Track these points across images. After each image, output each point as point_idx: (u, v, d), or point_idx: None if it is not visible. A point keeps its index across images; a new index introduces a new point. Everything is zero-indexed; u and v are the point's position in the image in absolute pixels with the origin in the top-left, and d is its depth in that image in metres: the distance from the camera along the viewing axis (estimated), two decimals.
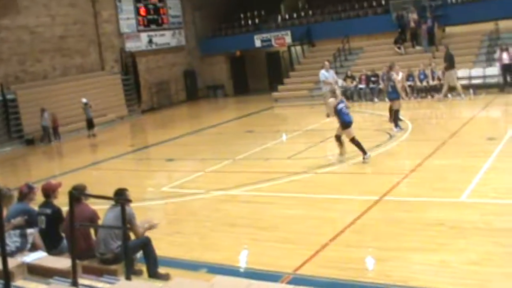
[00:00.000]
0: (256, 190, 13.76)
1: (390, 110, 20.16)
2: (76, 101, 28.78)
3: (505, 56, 24.99)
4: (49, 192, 9.09)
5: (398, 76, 19.82)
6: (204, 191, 14.34)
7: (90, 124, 28.01)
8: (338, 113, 15.54)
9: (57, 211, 8.95)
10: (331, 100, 15.84)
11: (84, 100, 27.96)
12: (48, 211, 8.91)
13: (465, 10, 30.56)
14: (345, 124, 15.40)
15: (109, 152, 22.40)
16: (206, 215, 12.38)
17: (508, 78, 25.14)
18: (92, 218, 8.59)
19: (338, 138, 15.83)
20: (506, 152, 14.57)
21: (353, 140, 15.37)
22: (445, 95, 25.57)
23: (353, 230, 10.16)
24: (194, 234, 11.14)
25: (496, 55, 25.69)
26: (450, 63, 25.20)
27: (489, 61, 27.07)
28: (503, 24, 28.64)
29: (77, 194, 8.01)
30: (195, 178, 16.11)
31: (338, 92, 16.31)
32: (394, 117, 19.29)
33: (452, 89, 25.37)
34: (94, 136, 27.69)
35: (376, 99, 27.23)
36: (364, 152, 15.26)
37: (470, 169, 13.17)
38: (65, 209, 8.30)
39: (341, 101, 15.70)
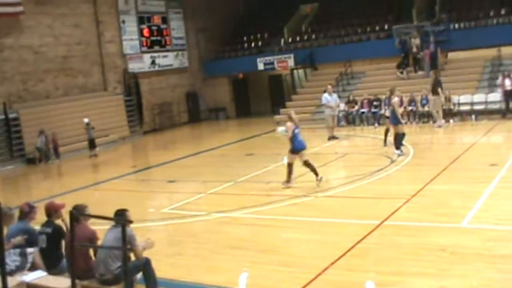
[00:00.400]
0: (257, 212, 13.72)
1: (386, 133, 20.43)
2: (78, 121, 28.88)
3: (507, 82, 25.07)
4: (51, 211, 9.10)
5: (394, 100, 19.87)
6: (205, 213, 14.33)
7: (92, 144, 28.05)
8: (293, 138, 16.14)
9: (57, 229, 8.95)
10: (289, 124, 16.48)
11: (86, 120, 28.04)
12: (49, 230, 8.91)
13: (467, 36, 30.73)
14: (295, 149, 16.18)
15: (110, 173, 22.40)
16: (206, 237, 12.34)
17: (511, 105, 25.17)
18: (92, 238, 8.55)
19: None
20: (507, 178, 14.56)
21: (306, 163, 16.07)
22: (446, 121, 25.67)
23: (353, 254, 10.12)
24: (194, 256, 11.10)
25: (499, 81, 25.75)
26: (434, 89, 25.37)
27: (491, 87, 27.16)
28: (506, 50, 28.78)
29: (77, 214, 8.00)
30: (196, 200, 16.09)
31: (295, 116, 16.95)
32: (397, 140, 19.32)
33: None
34: (95, 156, 27.71)
35: (377, 124, 27.22)
36: (316, 174, 15.81)
37: (471, 194, 13.16)
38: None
39: (297, 127, 16.50)
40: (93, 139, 28.13)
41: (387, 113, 21.08)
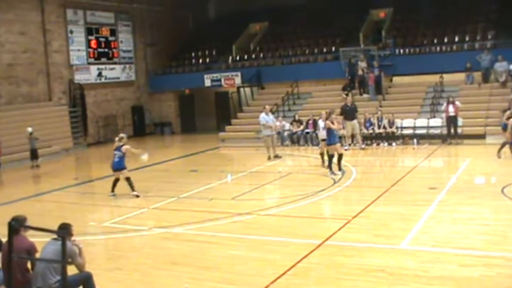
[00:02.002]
0: (199, 229, 13.70)
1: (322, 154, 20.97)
2: (21, 131, 28.37)
3: (451, 108, 25.60)
4: None
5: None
6: (147, 228, 14.24)
7: (34, 155, 27.52)
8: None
9: None
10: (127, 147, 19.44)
11: (29, 129, 27.54)
12: None
13: (412, 61, 31.51)
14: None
15: (52, 184, 22.07)
16: (147, 252, 12.26)
17: (452, 130, 25.73)
18: (30, 250, 8.36)
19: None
20: (446, 201, 14.89)
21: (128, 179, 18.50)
22: (389, 144, 26.23)
23: (294, 273, 10.19)
24: (134, 271, 11.01)
25: (443, 107, 26.24)
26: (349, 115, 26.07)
27: (433, 112, 27.76)
28: (448, 77, 29.57)
29: (16, 226, 7.87)
30: (138, 215, 15.97)
31: (124, 135, 20.07)
32: (336, 161, 19.77)
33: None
34: (37, 167, 27.21)
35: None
36: (133, 189, 18.29)
37: (411, 217, 13.43)
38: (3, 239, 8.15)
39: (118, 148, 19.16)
40: (36, 149, 27.60)
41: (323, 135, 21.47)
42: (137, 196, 17.99)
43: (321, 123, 21.90)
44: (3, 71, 31.26)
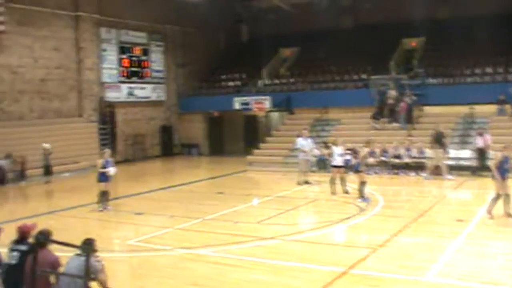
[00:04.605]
0: (223, 251, 13.65)
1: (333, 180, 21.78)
2: (51, 145, 28.63)
3: (479, 140, 25.34)
4: (26, 234, 8.96)
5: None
6: (171, 248, 14.22)
7: (48, 171, 27.79)
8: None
9: (34, 249, 8.77)
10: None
11: (46, 145, 27.76)
12: (24, 247, 8.74)
13: (443, 91, 31.37)
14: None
15: (78, 200, 22.18)
16: (170, 272, 12.23)
17: (482, 162, 25.41)
18: (54, 264, 8.37)
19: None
20: (473, 234, 14.68)
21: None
22: (417, 173, 26.01)
23: None
24: None
25: (475, 140, 25.93)
26: (436, 141, 25.49)
27: (463, 143, 27.49)
28: (478, 108, 29.27)
29: (43, 239, 7.89)
30: (163, 234, 15.98)
31: (109, 151, 20.66)
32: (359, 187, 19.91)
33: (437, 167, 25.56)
34: (49, 183, 27.49)
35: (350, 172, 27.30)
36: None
37: (437, 248, 13.24)
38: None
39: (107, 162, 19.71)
40: (50, 165, 27.91)
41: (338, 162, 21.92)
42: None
43: (335, 149, 21.96)
44: (36, 86, 31.70)
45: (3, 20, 29.16)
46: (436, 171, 25.31)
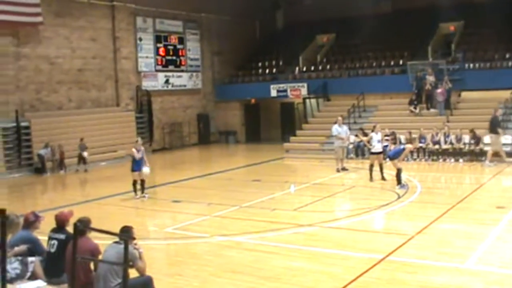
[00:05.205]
0: (261, 239, 13.66)
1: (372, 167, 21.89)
2: (89, 135, 29.05)
3: None
4: (64, 222, 9.09)
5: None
6: (208, 235, 14.28)
7: (83, 160, 28.51)
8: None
9: (71, 237, 8.87)
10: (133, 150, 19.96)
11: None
12: (62, 236, 8.89)
13: (482, 76, 30.85)
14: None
15: (116, 188, 22.42)
16: (208, 259, 12.28)
17: None
18: (94, 252, 8.48)
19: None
20: None
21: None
22: (456, 160, 25.74)
23: (354, 287, 10.05)
24: (194, 278, 11.03)
25: None
26: (491, 126, 25.13)
27: (503, 129, 27.04)
28: None
29: (82, 227, 7.97)
30: (200, 222, 16.05)
31: (141, 141, 21.03)
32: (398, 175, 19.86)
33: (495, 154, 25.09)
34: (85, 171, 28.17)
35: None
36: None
37: (477, 235, 13.09)
38: None
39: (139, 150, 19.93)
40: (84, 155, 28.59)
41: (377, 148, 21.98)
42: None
43: (375, 136, 21.91)
44: (74, 75, 32.00)
45: (40, 12, 29.49)
46: (497, 157, 24.88)
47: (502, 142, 25.22)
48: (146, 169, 19.94)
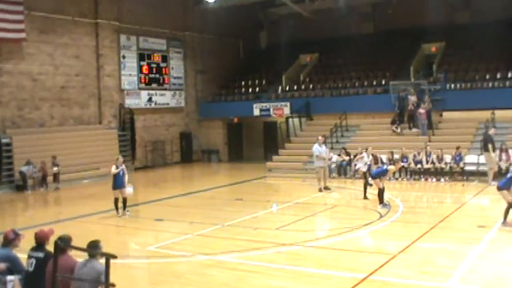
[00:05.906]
0: (243, 258, 13.62)
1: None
2: (71, 152, 28.88)
3: (504, 157, 25.23)
4: (43, 240, 9.00)
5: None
6: (190, 254, 14.22)
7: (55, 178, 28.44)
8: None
9: (50, 256, 8.78)
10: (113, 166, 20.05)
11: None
12: (41, 254, 8.78)
13: (463, 96, 31.15)
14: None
15: (98, 206, 22.26)
16: (190, 278, 12.23)
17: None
18: (74, 270, 8.37)
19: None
20: (495, 240, 14.55)
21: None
22: (437, 179, 25.93)
23: None
24: None
25: (496, 153, 25.54)
26: (484, 145, 25.27)
27: (495, 148, 27.14)
28: (499, 113, 28.95)
29: (63, 245, 7.90)
30: (182, 240, 15.98)
31: (121, 158, 20.85)
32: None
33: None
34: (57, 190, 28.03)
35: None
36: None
37: (458, 254, 13.14)
38: None
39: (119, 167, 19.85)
40: (57, 173, 28.39)
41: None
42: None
43: (365, 157, 22.17)
44: (56, 93, 31.93)
45: (24, 28, 29.44)
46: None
47: (496, 160, 25.25)
48: (129, 189, 19.89)
